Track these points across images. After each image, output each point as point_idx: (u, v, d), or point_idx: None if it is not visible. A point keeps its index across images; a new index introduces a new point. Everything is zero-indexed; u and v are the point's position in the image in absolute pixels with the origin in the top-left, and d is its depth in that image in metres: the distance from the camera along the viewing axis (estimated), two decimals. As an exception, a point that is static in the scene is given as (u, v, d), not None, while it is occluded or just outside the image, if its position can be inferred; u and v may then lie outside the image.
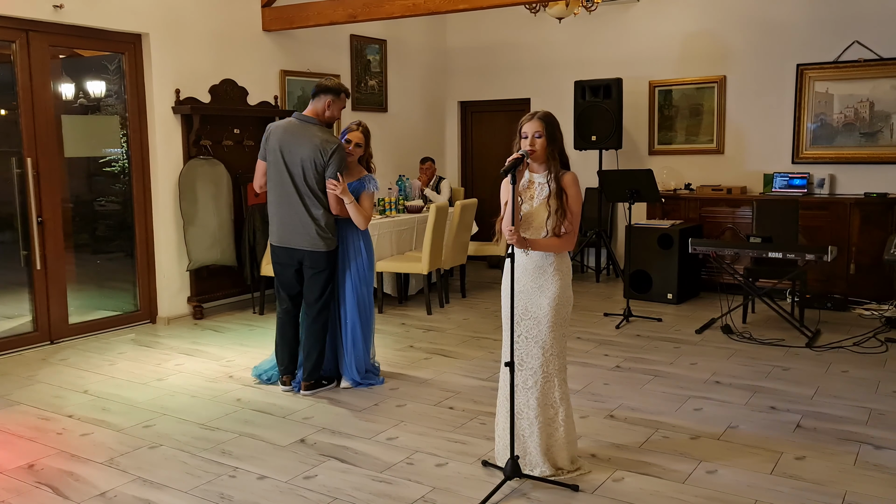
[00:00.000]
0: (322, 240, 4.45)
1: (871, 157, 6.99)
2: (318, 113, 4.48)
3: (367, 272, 4.66)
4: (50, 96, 5.65)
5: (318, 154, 4.36)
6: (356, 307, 4.62)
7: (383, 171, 8.30)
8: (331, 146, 4.37)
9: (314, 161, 4.36)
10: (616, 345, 5.59)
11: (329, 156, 4.36)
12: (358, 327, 4.64)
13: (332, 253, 4.53)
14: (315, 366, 4.59)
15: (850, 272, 6.66)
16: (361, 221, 4.49)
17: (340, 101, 4.51)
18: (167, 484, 3.37)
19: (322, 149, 4.36)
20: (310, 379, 4.58)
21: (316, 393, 4.57)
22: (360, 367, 4.68)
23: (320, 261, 4.48)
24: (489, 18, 8.72)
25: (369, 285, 4.69)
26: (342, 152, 4.42)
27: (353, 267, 4.60)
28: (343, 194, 4.37)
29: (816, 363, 5.07)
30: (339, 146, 4.41)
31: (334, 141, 4.42)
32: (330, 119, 4.51)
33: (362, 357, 4.69)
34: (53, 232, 5.69)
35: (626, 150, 8.06)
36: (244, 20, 6.84)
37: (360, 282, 4.62)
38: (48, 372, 5.05)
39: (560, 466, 3.37)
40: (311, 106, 4.51)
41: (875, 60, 6.87)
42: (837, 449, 3.67)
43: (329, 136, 4.43)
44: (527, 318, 3.32)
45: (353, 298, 4.61)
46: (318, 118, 4.48)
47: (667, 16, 7.88)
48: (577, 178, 3.33)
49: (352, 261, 4.60)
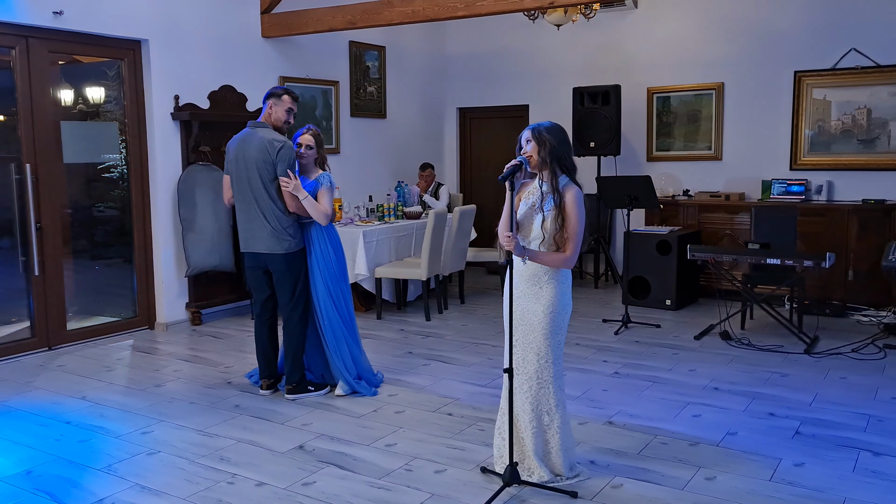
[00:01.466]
0: (278, 241, 4.48)
1: (868, 164, 7.01)
2: (266, 118, 4.59)
3: (337, 271, 4.62)
4: (49, 102, 5.66)
5: (265, 154, 4.41)
6: (332, 307, 4.60)
7: (383, 177, 8.33)
8: (277, 144, 4.42)
9: (264, 162, 4.42)
10: (615, 351, 5.59)
11: (276, 154, 4.40)
12: (340, 326, 4.61)
13: (294, 255, 4.53)
14: (294, 369, 4.58)
15: (848, 278, 6.67)
16: (321, 217, 4.47)
17: (282, 103, 4.56)
18: (165, 490, 3.37)
19: (268, 149, 4.41)
20: (291, 382, 4.58)
21: (301, 399, 4.55)
22: (349, 370, 4.63)
23: (280, 263, 4.51)
24: (488, 25, 8.74)
25: (341, 283, 4.65)
26: (289, 150, 4.45)
27: (322, 267, 4.58)
28: (296, 191, 4.39)
29: (815, 369, 5.07)
30: (286, 144, 4.45)
31: (280, 140, 4.46)
32: (277, 121, 4.57)
33: (350, 358, 4.64)
34: (52, 238, 5.69)
35: (624, 157, 8.08)
36: (243, 26, 6.86)
37: (331, 280, 4.58)
38: (46, 378, 5.04)
39: (558, 473, 3.37)
40: (262, 114, 4.64)
41: (872, 68, 6.90)
42: (836, 455, 3.67)
43: (275, 137, 4.47)
44: (523, 323, 3.32)
45: (329, 299, 4.59)
46: (268, 123, 4.57)
47: (665, 23, 7.91)
48: (579, 194, 3.27)
49: (319, 261, 4.58)
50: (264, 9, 6.96)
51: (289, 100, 4.59)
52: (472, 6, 6.00)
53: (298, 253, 4.56)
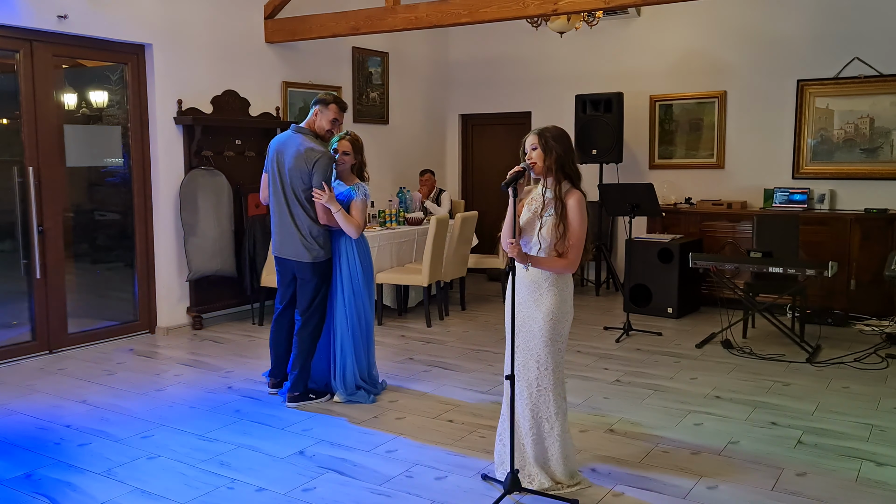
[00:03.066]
0: (307, 250, 4.46)
1: (871, 173, 7.00)
2: (311, 124, 4.55)
3: (362, 284, 4.57)
4: (52, 106, 5.67)
5: (302, 163, 4.37)
6: (346, 320, 4.56)
7: (384, 184, 8.32)
8: (315, 154, 4.37)
9: (299, 170, 4.39)
10: (616, 359, 5.58)
11: (313, 164, 4.36)
12: (349, 340, 4.57)
13: (320, 264, 4.50)
14: (300, 377, 4.55)
15: (850, 288, 6.66)
16: (351, 230, 4.45)
17: (329, 112, 4.52)
18: (165, 495, 3.35)
19: (306, 158, 4.37)
20: (294, 391, 4.55)
21: (301, 406, 4.53)
22: (348, 383, 4.60)
23: (306, 271, 4.49)
24: (491, 32, 8.75)
25: (364, 297, 4.60)
26: (326, 160, 4.40)
27: (345, 278, 4.55)
28: (329, 203, 4.36)
29: (817, 379, 5.06)
30: (324, 154, 4.40)
31: (320, 149, 4.41)
32: (320, 129, 4.54)
33: (352, 372, 4.60)
34: (54, 241, 5.69)
35: (626, 164, 8.08)
36: (247, 32, 6.87)
37: (352, 294, 4.55)
38: (46, 381, 5.03)
39: (559, 480, 3.36)
40: (307, 119, 4.60)
41: (875, 77, 6.90)
42: (839, 465, 3.66)
43: (315, 145, 4.42)
44: (523, 330, 3.32)
45: (343, 310, 4.56)
46: (311, 129, 4.53)
47: (668, 31, 7.92)
48: (583, 199, 3.30)
49: (344, 272, 4.55)
50: (268, 14, 6.98)
51: (336, 109, 4.53)
52: (476, 13, 6.00)
53: (325, 263, 4.53)
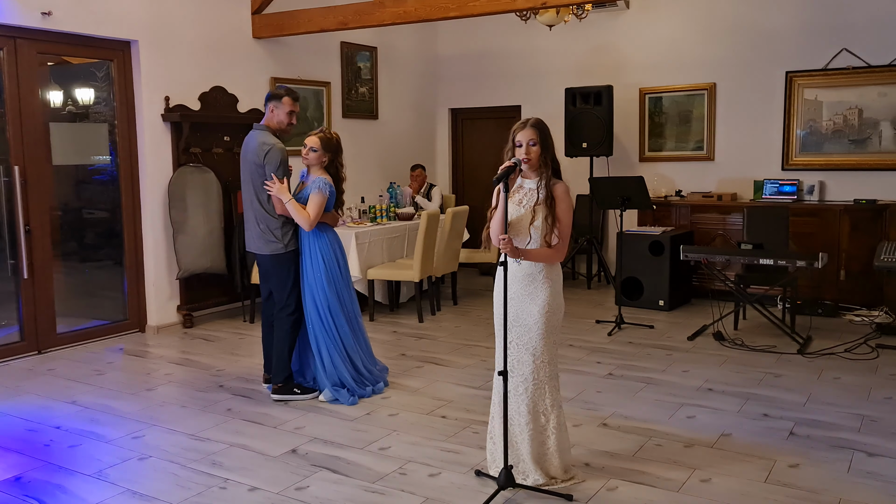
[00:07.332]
0: (265, 243, 4.52)
1: (860, 164, 7.02)
2: (268, 121, 4.60)
3: (324, 280, 4.51)
4: (38, 104, 5.61)
5: (256, 157, 4.46)
6: (314, 314, 4.54)
7: (374, 179, 8.30)
8: (265, 148, 4.45)
9: (255, 164, 4.47)
10: (608, 352, 5.58)
11: (264, 157, 4.44)
12: (322, 337, 4.54)
13: (281, 257, 4.52)
14: (280, 369, 4.57)
15: (840, 278, 6.68)
16: (301, 221, 4.43)
17: (283, 105, 4.55)
18: (157, 496, 3.33)
19: (258, 152, 4.46)
20: (277, 382, 4.58)
21: (285, 400, 4.53)
22: (330, 379, 4.55)
23: (267, 263, 4.57)
24: (480, 26, 8.72)
25: (326, 294, 4.52)
26: (276, 152, 4.45)
27: (309, 273, 4.55)
28: (280, 193, 4.40)
29: (808, 370, 5.08)
30: (273, 146, 4.46)
31: (270, 143, 4.47)
32: (280, 124, 4.57)
33: (331, 369, 4.54)
34: (41, 240, 5.64)
35: (616, 157, 8.07)
36: (234, 27, 6.81)
37: (317, 287, 4.52)
38: (35, 382, 4.99)
39: (553, 475, 3.36)
40: (264, 116, 4.65)
41: (863, 68, 6.91)
42: (831, 456, 3.67)
43: (266, 139, 4.49)
44: (517, 325, 3.31)
45: (312, 305, 4.55)
46: (269, 126, 4.58)
47: (657, 23, 7.91)
48: (569, 188, 3.35)
49: (307, 266, 4.56)
50: (255, 9, 6.92)
51: (289, 101, 4.57)
52: (464, 7, 5.98)
53: (286, 255, 4.54)
